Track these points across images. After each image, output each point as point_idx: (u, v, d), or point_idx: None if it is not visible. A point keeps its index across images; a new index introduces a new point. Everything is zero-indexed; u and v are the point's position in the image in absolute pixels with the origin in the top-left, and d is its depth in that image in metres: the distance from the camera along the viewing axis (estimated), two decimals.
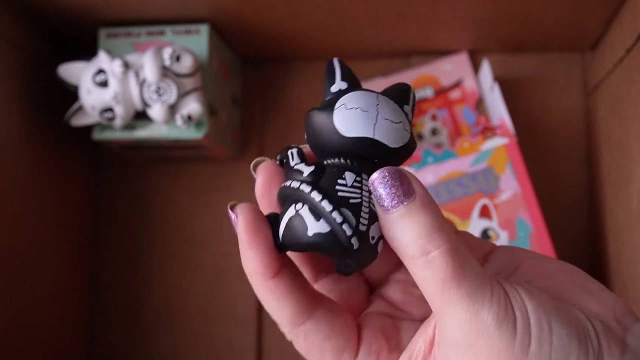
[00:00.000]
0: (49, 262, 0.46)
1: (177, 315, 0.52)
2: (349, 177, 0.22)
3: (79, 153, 0.51)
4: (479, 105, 0.50)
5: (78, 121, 0.43)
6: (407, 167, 0.46)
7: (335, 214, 0.21)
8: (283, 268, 0.22)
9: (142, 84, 0.41)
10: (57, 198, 0.48)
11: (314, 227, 0.21)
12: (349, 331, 0.23)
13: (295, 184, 0.22)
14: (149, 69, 0.40)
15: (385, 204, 0.21)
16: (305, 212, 0.22)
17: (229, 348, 0.51)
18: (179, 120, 0.42)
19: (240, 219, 0.21)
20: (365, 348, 0.23)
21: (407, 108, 0.23)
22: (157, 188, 0.53)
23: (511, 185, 0.45)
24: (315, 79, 0.53)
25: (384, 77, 0.51)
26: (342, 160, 0.22)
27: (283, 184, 0.23)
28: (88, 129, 0.45)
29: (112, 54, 0.42)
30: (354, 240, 0.21)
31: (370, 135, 0.22)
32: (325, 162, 0.23)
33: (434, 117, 0.50)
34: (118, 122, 0.42)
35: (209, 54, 0.44)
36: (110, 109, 0.41)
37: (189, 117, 0.42)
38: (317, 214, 0.21)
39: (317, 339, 0.22)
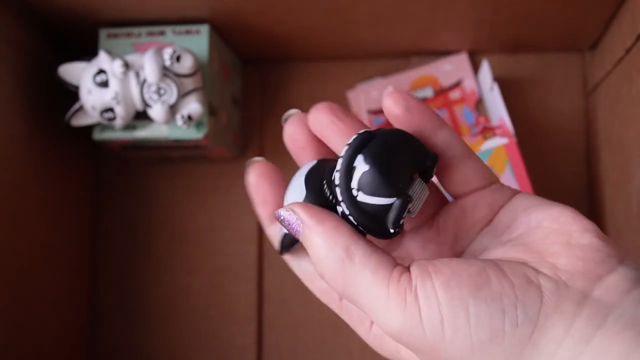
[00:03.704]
0: (49, 262, 0.46)
1: (177, 315, 0.52)
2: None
3: (79, 153, 0.51)
4: (479, 105, 0.50)
5: (78, 121, 0.43)
6: None
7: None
8: None
9: (142, 84, 0.41)
10: (57, 198, 0.48)
11: None
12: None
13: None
14: (149, 69, 0.40)
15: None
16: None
17: (229, 348, 0.51)
18: (179, 121, 0.42)
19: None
20: None
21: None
22: (157, 188, 0.53)
23: (511, 185, 0.45)
24: (315, 79, 0.53)
25: (384, 77, 0.51)
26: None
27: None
28: (88, 129, 0.45)
29: (112, 54, 0.42)
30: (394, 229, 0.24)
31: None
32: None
33: None
34: (118, 122, 0.42)
35: (209, 54, 0.44)
36: (110, 109, 0.41)
37: (189, 117, 0.42)
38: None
39: None
